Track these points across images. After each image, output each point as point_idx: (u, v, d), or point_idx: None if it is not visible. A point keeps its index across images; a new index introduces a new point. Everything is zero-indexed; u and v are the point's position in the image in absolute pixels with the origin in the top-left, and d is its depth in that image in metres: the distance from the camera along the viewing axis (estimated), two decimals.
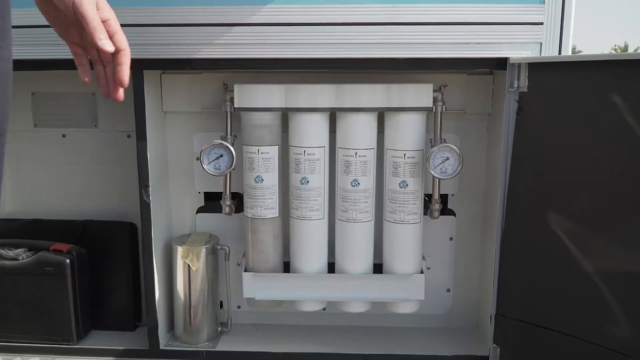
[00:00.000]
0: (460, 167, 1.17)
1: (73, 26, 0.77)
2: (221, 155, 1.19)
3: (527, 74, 1.08)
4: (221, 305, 1.44)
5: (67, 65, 0.85)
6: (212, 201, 1.39)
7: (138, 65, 1.11)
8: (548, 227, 1.08)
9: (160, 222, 1.34)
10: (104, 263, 1.41)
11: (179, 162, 1.38)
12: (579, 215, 1.05)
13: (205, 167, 1.19)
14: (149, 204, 1.23)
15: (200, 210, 1.42)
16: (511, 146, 1.12)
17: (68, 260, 1.30)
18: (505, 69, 1.11)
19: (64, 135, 1.41)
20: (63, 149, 1.42)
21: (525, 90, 1.08)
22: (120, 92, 0.79)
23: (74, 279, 1.32)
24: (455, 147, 1.17)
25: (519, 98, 1.09)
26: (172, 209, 1.42)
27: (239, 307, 1.45)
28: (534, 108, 1.08)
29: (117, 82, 0.77)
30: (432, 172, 1.18)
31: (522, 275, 1.14)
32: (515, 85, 1.10)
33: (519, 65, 1.09)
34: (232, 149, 1.19)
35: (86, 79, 0.78)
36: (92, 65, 0.80)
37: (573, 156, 1.04)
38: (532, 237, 1.11)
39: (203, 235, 1.38)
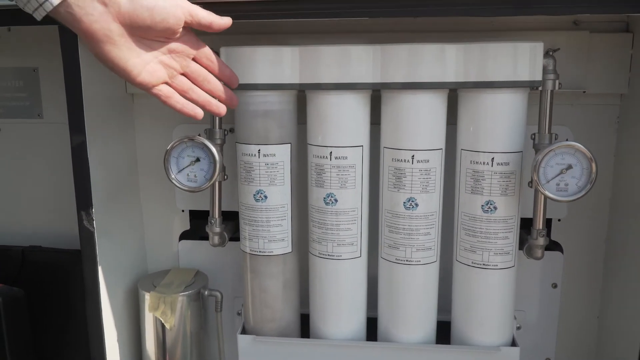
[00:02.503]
0: (592, 182, 0.70)
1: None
2: (197, 160, 0.76)
3: None
4: None
5: None
6: (201, 222, 0.96)
7: None
8: None
9: (122, 254, 0.92)
10: (54, 307, 1.01)
11: (153, 166, 0.95)
12: None
13: (172, 178, 0.76)
14: (92, 232, 0.81)
15: (184, 235, 1.00)
16: None
17: None
18: None
19: None
20: None
21: None
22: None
23: (2, 332, 0.93)
24: (584, 148, 0.70)
25: None
26: (145, 234, 1.00)
27: None
28: None
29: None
30: (543, 190, 0.71)
31: None
32: None
33: None
34: (213, 148, 0.75)
35: (201, 116, 0.67)
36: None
37: None
38: None
39: (186, 273, 0.95)
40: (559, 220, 0.90)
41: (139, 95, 0.95)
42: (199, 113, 0.66)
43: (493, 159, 0.75)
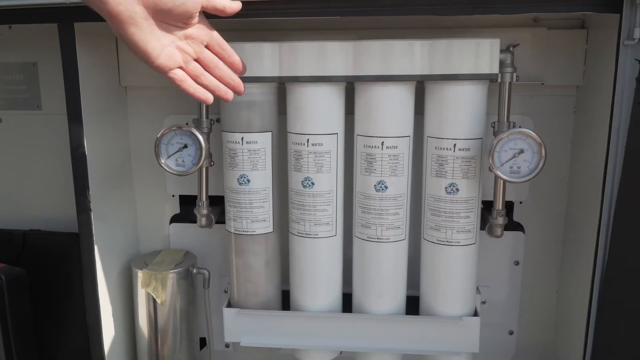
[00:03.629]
0: (541, 165, 0.77)
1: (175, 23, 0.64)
2: (185, 146, 0.83)
3: None
4: (203, 345, 1.08)
5: None
6: (190, 206, 1.03)
7: (63, 15, 0.77)
8: None
9: (117, 236, 0.99)
10: (52, 287, 1.07)
11: (146, 155, 1.02)
12: None
13: (162, 162, 0.83)
14: (89, 213, 0.88)
15: (175, 219, 1.07)
16: (624, 134, 0.72)
17: None
18: (619, 12, 0.70)
19: None
20: None
21: None
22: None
23: (5, 310, 0.99)
24: (533, 134, 0.77)
25: None
26: (139, 217, 1.07)
27: (227, 346, 1.10)
28: None
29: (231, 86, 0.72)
30: (498, 172, 0.78)
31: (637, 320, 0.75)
32: (637, 35, 0.69)
33: None
34: (199, 136, 0.82)
35: (211, 100, 0.71)
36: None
37: None
38: None
39: (176, 253, 1.03)
40: (521, 202, 0.98)
41: (132, 88, 1.01)
42: (210, 98, 0.70)
43: (455, 145, 0.82)
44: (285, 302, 0.97)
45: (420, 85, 0.84)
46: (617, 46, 0.71)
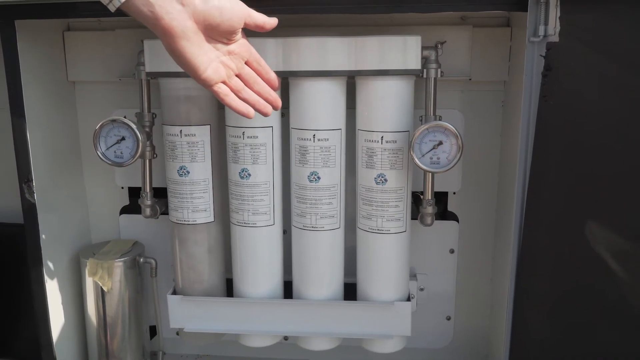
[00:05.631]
0: (459, 156, 0.81)
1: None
2: (123, 138, 0.86)
3: (558, 12, 0.72)
4: (154, 334, 1.12)
5: None
6: (138, 199, 1.06)
7: (3, 13, 0.80)
8: (588, 239, 0.73)
9: (66, 227, 1.02)
10: (4, 277, 1.10)
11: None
12: (635, 222, 0.69)
13: (100, 153, 0.86)
14: (33, 204, 0.91)
15: (124, 210, 1.10)
16: (533, 124, 0.77)
17: None
18: (527, 10, 0.75)
19: None
20: None
21: (556, 39, 0.72)
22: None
23: None
24: (450, 126, 0.81)
25: (547, 51, 0.73)
26: (90, 209, 1.10)
27: (177, 333, 1.13)
28: (569, 66, 0.72)
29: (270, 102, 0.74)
30: (419, 163, 0.82)
31: (547, 304, 0.79)
32: (542, 32, 0.73)
33: None
34: (135, 128, 0.86)
35: (253, 115, 0.72)
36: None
37: (627, 137, 0.69)
38: (563, 254, 0.76)
39: (124, 243, 1.06)
40: (454, 193, 1.02)
41: (80, 83, 1.04)
42: (251, 112, 0.72)
43: (383, 137, 0.86)
44: (230, 289, 1.00)
45: (352, 81, 0.88)
46: (527, 41, 0.76)
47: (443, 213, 1.03)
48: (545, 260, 0.77)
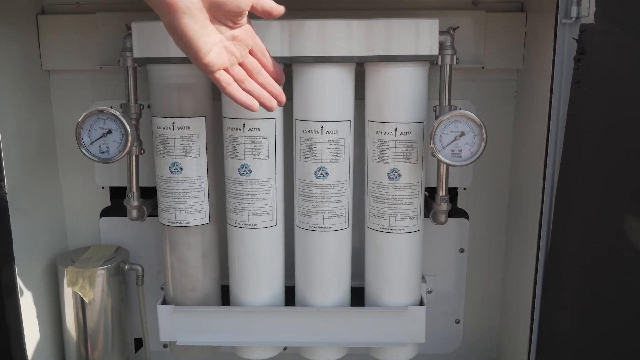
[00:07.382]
0: (483, 147, 0.75)
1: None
2: (109, 131, 0.77)
3: None
4: (139, 347, 1.02)
5: None
6: (121, 199, 0.96)
7: None
8: (628, 236, 0.68)
9: (41, 231, 0.92)
10: None
11: (73, 143, 0.93)
12: None
13: (84, 149, 0.77)
14: (5, 206, 0.80)
15: (105, 212, 1.00)
16: (564, 115, 0.71)
17: None
18: None
19: None
20: None
21: (592, 21, 0.67)
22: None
23: None
24: (474, 116, 0.75)
25: (580, 34, 0.68)
26: (66, 211, 0.99)
27: (165, 346, 1.04)
28: (605, 49, 0.67)
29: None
30: (439, 156, 0.76)
31: (579, 305, 0.74)
32: (574, 13, 0.68)
33: None
34: (124, 119, 0.77)
35: (257, 108, 0.66)
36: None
37: None
38: (600, 252, 0.71)
39: (106, 248, 0.96)
40: (465, 189, 0.97)
41: (55, 72, 0.94)
42: (256, 104, 0.66)
43: (396, 129, 0.80)
44: (225, 297, 0.92)
45: (361, 68, 0.81)
46: (555, 25, 0.70)
47: (453, 210, 0.97)
48: (578, 259, 0.72)
